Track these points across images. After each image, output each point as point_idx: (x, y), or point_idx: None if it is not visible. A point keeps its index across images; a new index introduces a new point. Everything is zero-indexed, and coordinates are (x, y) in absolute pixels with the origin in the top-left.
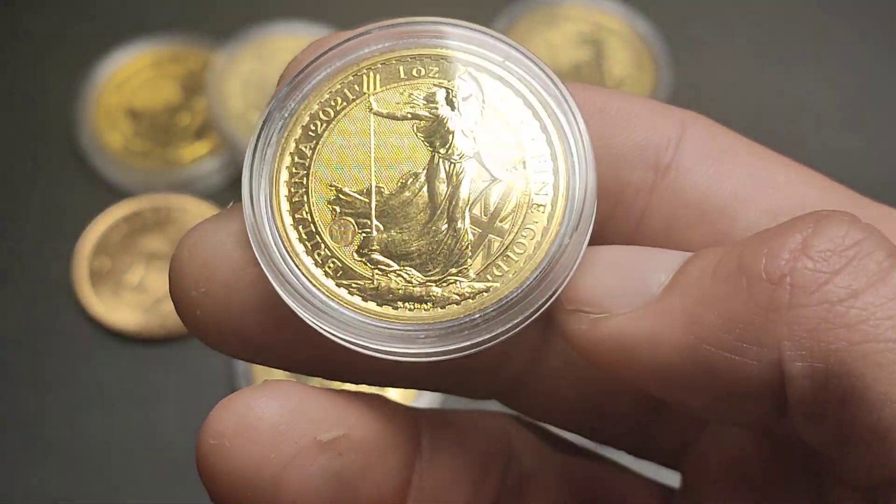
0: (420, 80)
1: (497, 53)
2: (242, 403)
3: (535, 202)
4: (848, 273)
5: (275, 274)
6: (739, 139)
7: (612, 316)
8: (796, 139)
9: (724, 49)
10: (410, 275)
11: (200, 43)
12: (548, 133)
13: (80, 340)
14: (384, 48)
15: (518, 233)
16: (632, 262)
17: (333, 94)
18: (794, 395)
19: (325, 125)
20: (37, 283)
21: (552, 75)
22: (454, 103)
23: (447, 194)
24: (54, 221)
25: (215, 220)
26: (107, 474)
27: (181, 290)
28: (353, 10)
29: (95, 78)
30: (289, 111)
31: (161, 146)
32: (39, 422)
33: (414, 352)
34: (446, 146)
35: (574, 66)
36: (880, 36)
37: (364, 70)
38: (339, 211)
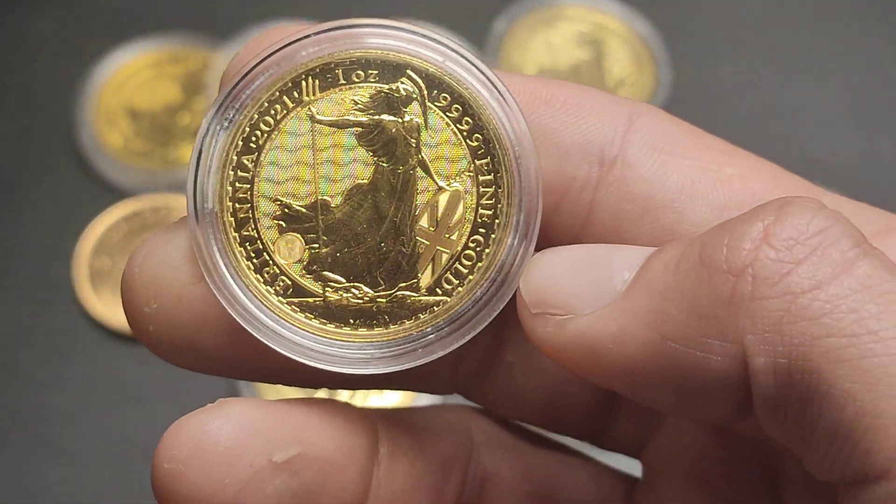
0: (360, 85)
1: (436, 54)
2: (196, 426)
3: (482, 210)
4: (811, 263)
5: (225, 297)
6: (689, 130)
7: (578, 317)
8: (796, 139)
9: (724, 49)
10: (360, 291)
11: (200, 43)
12: (491, 136)
13: (80, 340)
14: (322, 52)
15: (466, 244)
16: (595, 260)
17: (272, 102)
18: (758, 391)
19: (266, 136)
20: (37, 283)
21: (491, 76)
22: (396, 108)
23: (393, 206)
24: (54, 221)
25: (164, 234)
26: (107, 474)
27: (133, 307)
28: (353, 10)
29: (95, 78)
30: (228, 121)
31: (161, 146)
32: (39, 421)
33: (368, 371)
34: (390, 155)
35: (574, 66)
36: (880, 36)
37: (302, 76)
38: (286, 227)
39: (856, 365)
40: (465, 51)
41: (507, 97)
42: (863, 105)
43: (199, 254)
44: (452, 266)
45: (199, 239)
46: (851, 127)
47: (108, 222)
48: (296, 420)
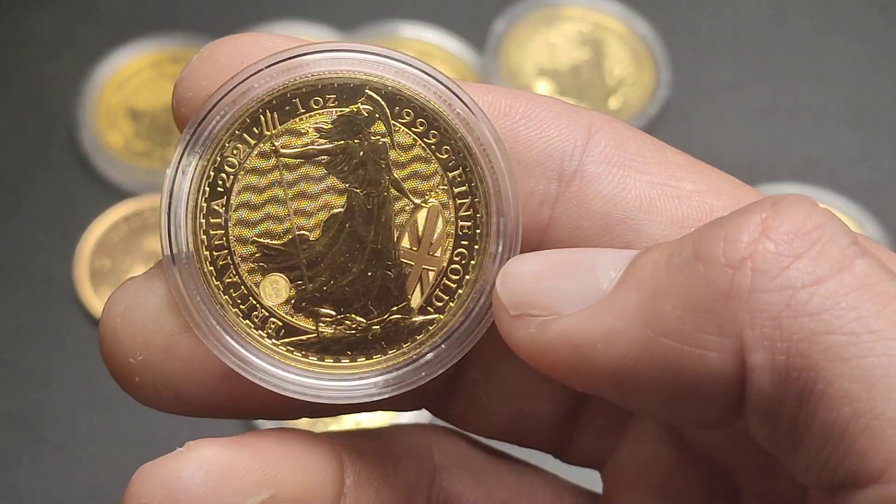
0: (320, 112)
1: (391, 71)
2: (167, 473)
3: (462, 223)
4: (811, 257)
5: (218, 348)
6: (648, 143)
7: (562, 316)
8: (796, 139)
9: (724, 49)
10: (353, 321)
11: (200, 43)
12: (460, 146)
13: (80, 340)
14: (276, 83)
15: (451, 258)
16: (577, 262)
17: (233, 141)
18: (753, 388)
19: (233, 177)
20: (37, 282)
21: (451, 85)
22: (360, 130)
23: (373, 231)
24: (55, 221)
25: (144, 281)
26: (107, 474)
27: (116, 358)
28: (353, 10)
29: (96, 78)
30: (192, 168)
31: (161, 146)
32: (39, 421)
33: (374, 399)
34: (361, 179)
35: (574, 66)
36: (880, 37)
37: (259, 110)
38: (268, 267)
39: (855, 364)
40: (422, 63)
41: (470, 105)
42: (862, 105)
43: (183, 307)
44: (441, 283)
45: (181, 291)
46: (851, 127)
47: (108, 222)
48: (265, 459)
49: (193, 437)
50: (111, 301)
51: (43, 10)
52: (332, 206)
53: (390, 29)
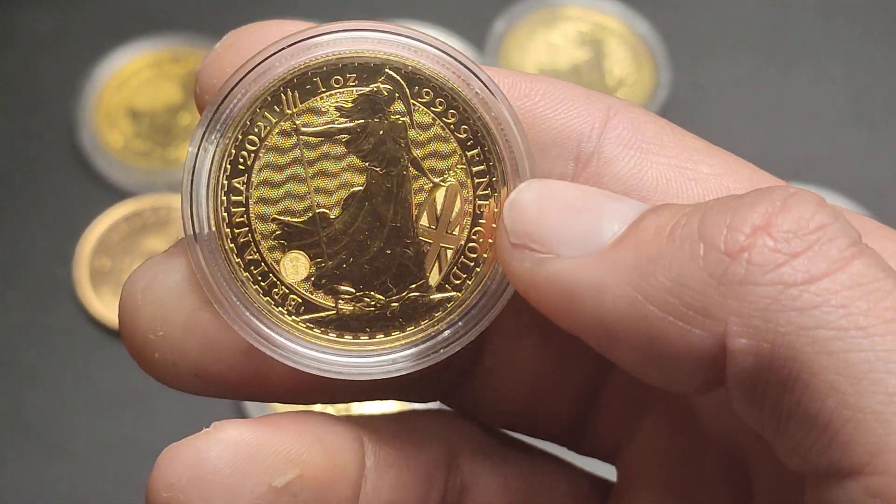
0: (340, 91)
1: (411, 50)
2: (193, 453)
3: (480, 202)
4: (808, 257)
5: (239, 325)
6: (665, 128)
7: (559, 258)
8: (796, 139)
9: (724, 49)
10: (372, 298)
11: (200, 43)
12: (479, 126)
13: (80, 340)
14: (297, 62)
15: (469, 237)
16: (587, 205)
17: (254, 120)
18: (734, 371)
19: (254, 156)
20: (37, 282)
21: (470, 65)
22: (380, 109)
23: (392, 210)
24: (54, 221)
25: (164, 259)
26: (107, 474)
27: (137, 334)
28: (353, 10)
29: (96, 78)
30: (214, 146)
31: (161, 146)
32: (39, 421)
33: (392, 375)
34: (380, 158)
35: (574, 66)
36: (880, 35)
37: (281, 89)
38: (288, 245)
39: (842, 358)
40: (441, 43)
41: (489, 84)
42: (863, 105)
43: (204, 283)
44: (458, 261)
45: (203, 268)
46: (851, 127)
47: (108, 222)
48: (290, 440)
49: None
50: (131, 278)
51: (43, 9)
52: (351, 185)
53: None
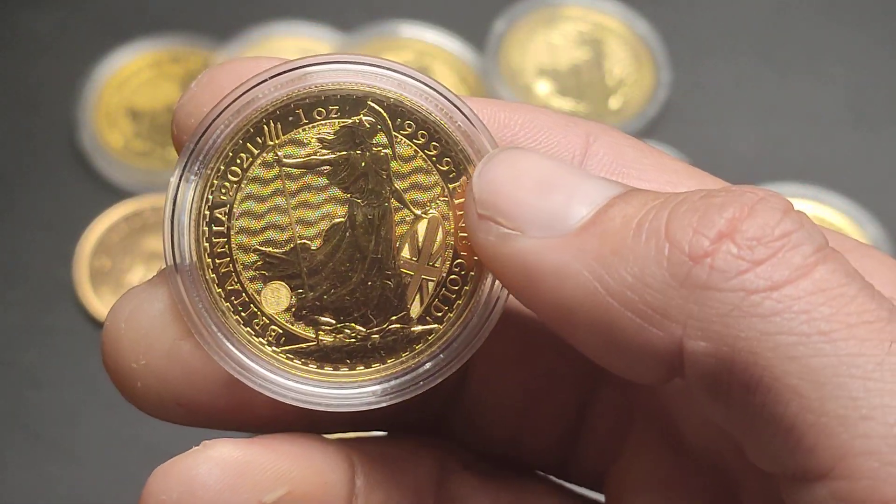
0: (322, 123)
1: (393, 83)
2: (184, 471)
3: (462, 234)
4: (771, 265)
5: (218, 355)
6: (646, 150)
7: (524, 236)
8: (796, 139)
9: (724, 49)
10: (353, 329)
11: (200, 43)
12: (461, 159)
13: (80, 340)
14: (280, 94)
15: (451, 269)
16: (559, 183)
17: (237, 150)
18: (693, 371)
19: (236, 186)
20: (37, 283)
21: (452, 97)
22: (362, 141)
23: (373, 241)
24: (54, 221)
25: (147, 288)
26: (107, 474)
27: (119, 363)
28: (353, 10)
29: (96, 78)
30: (195, 175)
31: (161, 146)
32: (39, 421)
33: (372, 407)
34: (362, 190)
35: (574, 66)
36: (880, 35)
37: (263, 120)
38: (269, 275)
39: (804, 363)
40: (423, 76)
41: (471, 117)
42: (862, 105)
43: (184, 313)
44: (440, 293)
45: (183, 298)
46: (851, 127)
47: (108, 222)
48: (279, 458)
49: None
50: (114, 308)
51: (43, 10)
52: (333, 216)
53: (390, 29)
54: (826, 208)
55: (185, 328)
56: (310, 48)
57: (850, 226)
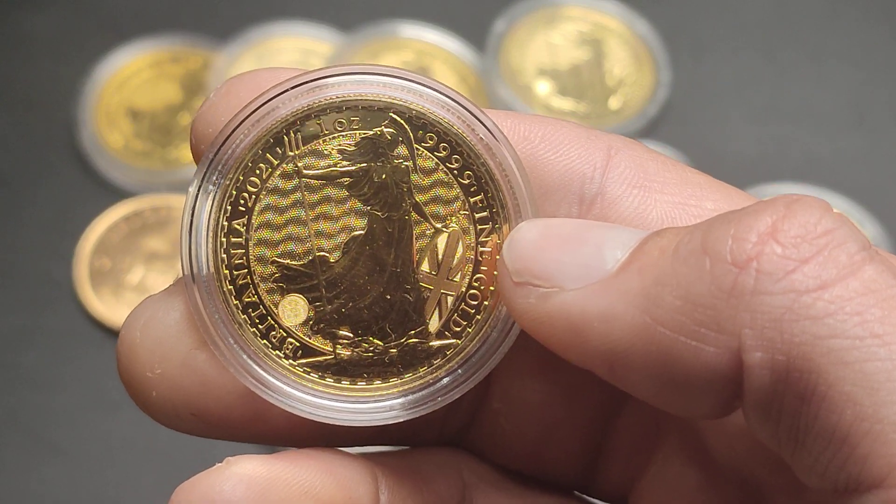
0: (343, 134)
1: (416, 94)
2: (208, 488)
3: (482, 248)
4: (818, 263)
5: (234, 367)
6: (668, 164)
7: (563, 291)
8: (796, 139)
9: (724, 49)
10: (371, 343)
11: (200, 43)
12: (482, 172)
13: (80, 340)
14: (301, 104)
15: (470, 283)
16: (586, 236)
17: (256, 161)
18: (752, 387)
19: (254, 197)
20: (37, 283)
21: (474, 110)
22: (383, 153)
23: (392, 254)
24: (54, 221)
25: (163, 298)
26: (107, 474)
27: (134, 372)
28: (353, 10)
29: (96, 78)
30: (214, 186)
31: (161, 146)
32: (39, 421)
33: (389, 422)
34: (382, 202)
35: (574, 66)
36: (880, 36)
37: (283, 130)
38: (287, 288)
39: (858, 368)
40: (445, 87)
41: (492, 129)
42: (863, 105)
43: (200, 324)
44: (459, 308)
45: (200, 309)
46: (851, 127)
47: (108, 222)
48: (304, 474)
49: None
50: (130, 317)
51: (43, 10)
52: (352, 229)
53: (390, 29)
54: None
55: (200, 338)
56: (310, 48)
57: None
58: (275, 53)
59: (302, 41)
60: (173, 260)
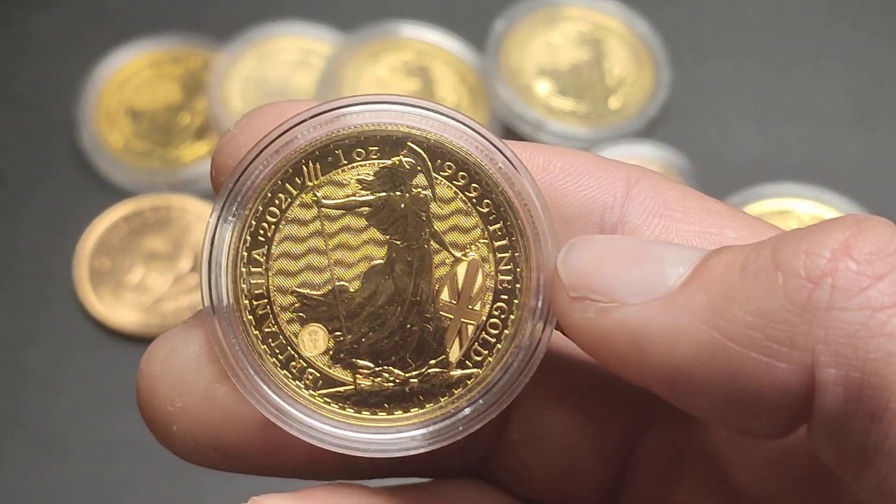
0: (362, 163)
1: (433, 123)
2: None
3: (502, 277)
4: (892, 280)
5: (254, 397)
6: (688, 193)
7: (624, 306)
8: (796, 139)
9: (724, 49)
10: (391, 373)
11: (200, 43)
12: (501, 201)
13: (80, 340)
14: (319, 134)
15: (490, 312)
16: (646, 252)
17: (275, 191)
18: (823, 404)
19: (274, 227)
20: (37, 283)
21: (492, 139)
22: (401, 183)
23: (412, 284)
24: (54, 221)
25: (183, 330)
26: (107, 474)
27: (155, 406)
28: (353, 10)
29: (96, 78)
30: (233, 216)
31: (161, 146)
32: (39, 421)
33: (411, 453)
34: (402, 232)
35: (574, 66)
36: (880, 35)
37: (302, 161)
38: (307, 318)
39: None
40: (463, 116)
41: (512, 159)
42: (863, 105)
43: (221, 355)
44: (479, 337)
45: (220, 339)
46: (851, 127)
47: (108, 222)
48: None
49: None
50: (149, 350)
51: (43, 10)
52: (372, 258)
53: (390, 29)
54: (826, 208)
55: (220, 370)
56: (310, 48)
57: None
58: (275, 53)
59: (302, 41)
60: (173, 260)
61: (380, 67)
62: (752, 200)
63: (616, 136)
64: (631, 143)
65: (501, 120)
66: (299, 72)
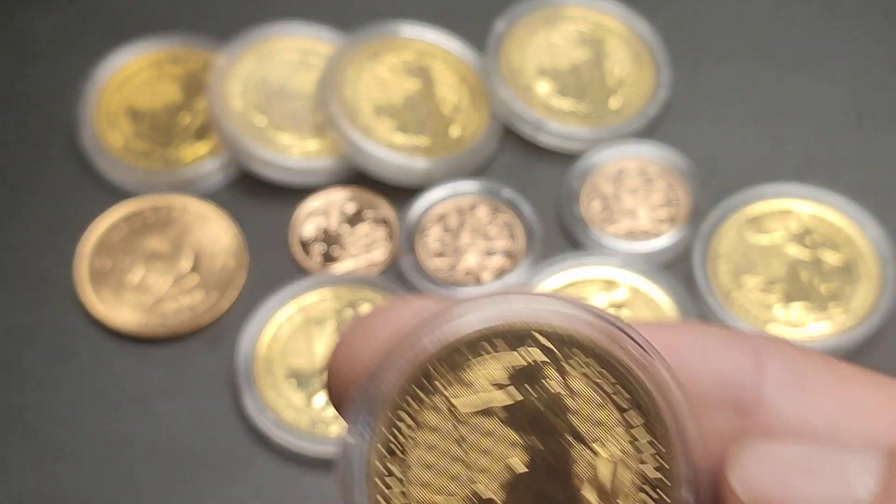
0: (490, 361)
1: (557, 316)
2: None
3: (645, 471)
4: None
5: None
6: (820, 360)
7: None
8: (796, 139)
9: (725, 49)
10: None
11: (200, 43)
12: (639, 392)
13: (80, 340)
14: (444, 335)
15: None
16: (826, 463)
17: (406, 399)
18: None
19: (408, 437)
20: (37, 282)
21: (623, 326)
22: (534, 378)
23: (557, 487)
24: (55, 221)
25: None
26: (107, 474)
27: None
28: (353, 10)
29: (96, 78)
30: (365, 427)
31: (161, 146)
32: (39, 421)
33: None
34: (540, 431)
35: (574, 66)
36: (880, 36)
37: (429, 364)
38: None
39: None
40: (589, 304)
41: (643, 344)
42: (863, 105)
43: None
44: None
45: None
46: (852, 127)
47: (108, 222)
48: None
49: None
50: None
51: (43, 10)
52: (514, 464)
53: (390, 29)
54: (826, 208)
55: None
56: (310, 48)
57: (850, 226)
58: (275, 53)
59: (302, 41)
60: (174, 260)
61: (380, 67)
62: (752, 200)
63: (616, 136)
64: (631, 143)
65: (501, 120)
66: (299, 72)
